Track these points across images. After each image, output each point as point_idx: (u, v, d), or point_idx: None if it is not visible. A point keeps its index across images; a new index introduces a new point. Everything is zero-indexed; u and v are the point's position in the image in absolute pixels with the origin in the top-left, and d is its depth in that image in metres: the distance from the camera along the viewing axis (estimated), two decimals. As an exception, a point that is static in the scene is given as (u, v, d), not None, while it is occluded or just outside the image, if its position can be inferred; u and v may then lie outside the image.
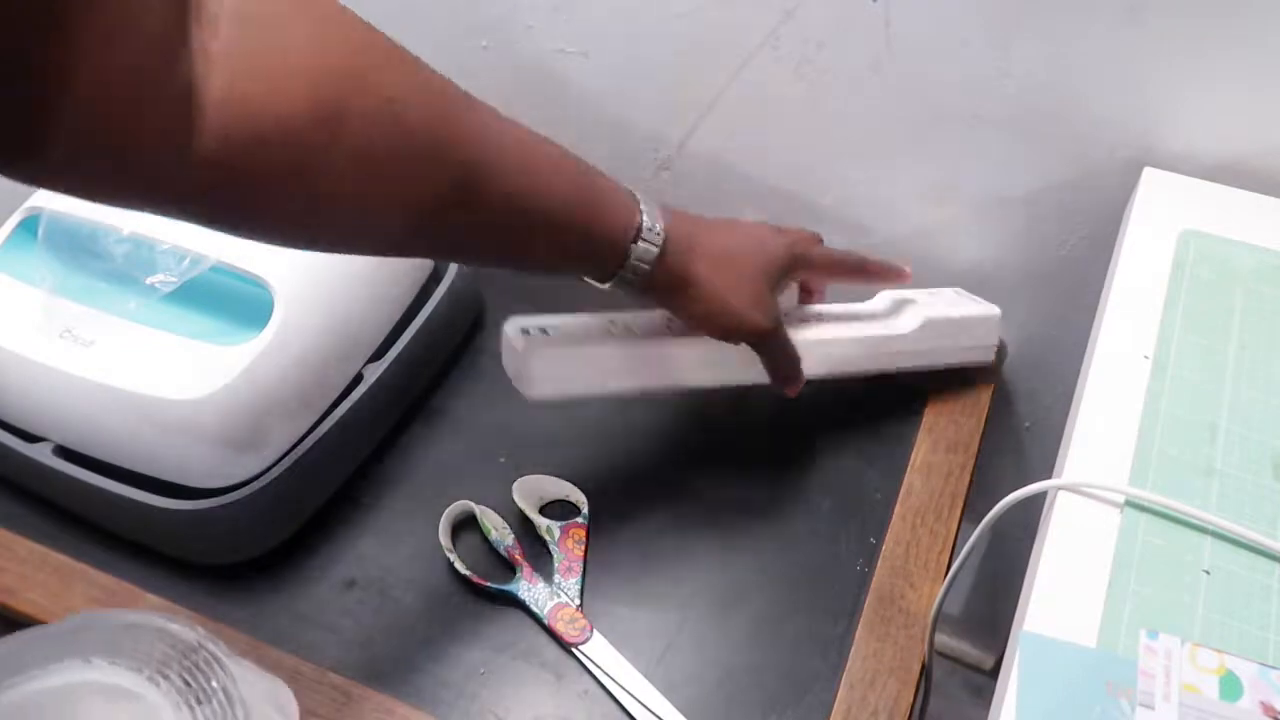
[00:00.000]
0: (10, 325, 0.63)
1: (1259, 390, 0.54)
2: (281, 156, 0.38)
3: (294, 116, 0.37)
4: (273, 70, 0.37)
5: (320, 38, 0.39)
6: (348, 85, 0.39)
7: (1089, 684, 0.43)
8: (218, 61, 0.36)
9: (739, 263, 0.57)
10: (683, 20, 0.75)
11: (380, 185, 0.42)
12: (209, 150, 0.36)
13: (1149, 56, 0.65)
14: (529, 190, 0.49)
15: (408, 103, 0.42)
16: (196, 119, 0.35)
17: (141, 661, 0.39)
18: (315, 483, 0.65)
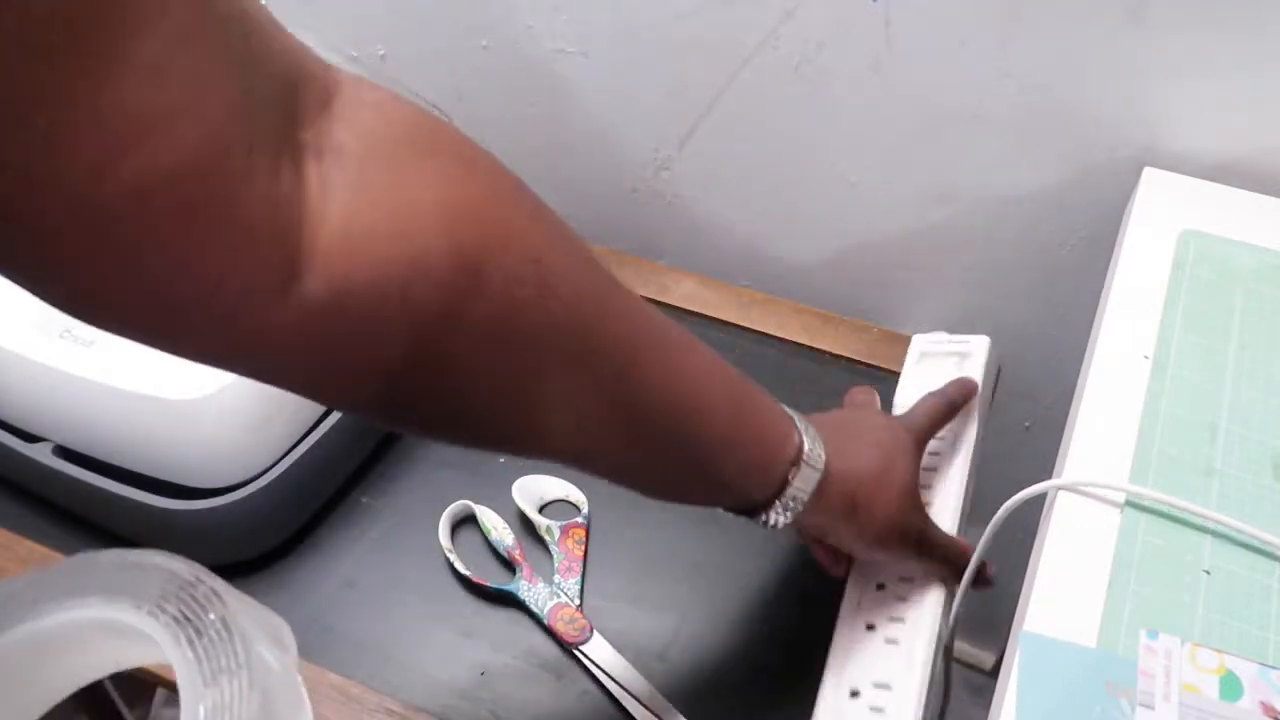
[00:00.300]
0: (10, 325, 0.63)
1: (1259, 390, 0.54)
2: (409, 308, 0.30)
3: (431, 258, 0.30)
4: (405, 206, 0.30)
5: (462, 177, 0.32)
6: (491, 234, 0.32)
7: (1089, 684, 0.43)
8: (338, 192, 0.29)
9: (893, 475, 0.52)
10: (683, 20, 0.75)
11: (524, 365, 0.34)
12: (317, 294, 0.29)
13: (1149, 56, 0.65)
14: (683, 392, 0.41)
15: (556, 269, 0.34)
16: (304, 256, 0.29)
17: (140, 598, 0.39)
18: (315, 483, 0.65)
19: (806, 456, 0.46)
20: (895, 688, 0.52)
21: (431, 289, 0.31)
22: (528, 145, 0.90)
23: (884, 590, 0.57)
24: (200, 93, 0.25)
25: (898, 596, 0.56)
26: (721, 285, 0.80)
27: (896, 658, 0.53)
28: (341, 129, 0.30)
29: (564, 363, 0.36)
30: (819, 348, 0.75)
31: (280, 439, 0.62)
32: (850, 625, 0.55)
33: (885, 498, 0.51)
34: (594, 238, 0.94)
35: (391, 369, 0.32)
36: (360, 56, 0.89)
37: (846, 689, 0.53)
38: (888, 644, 0.54)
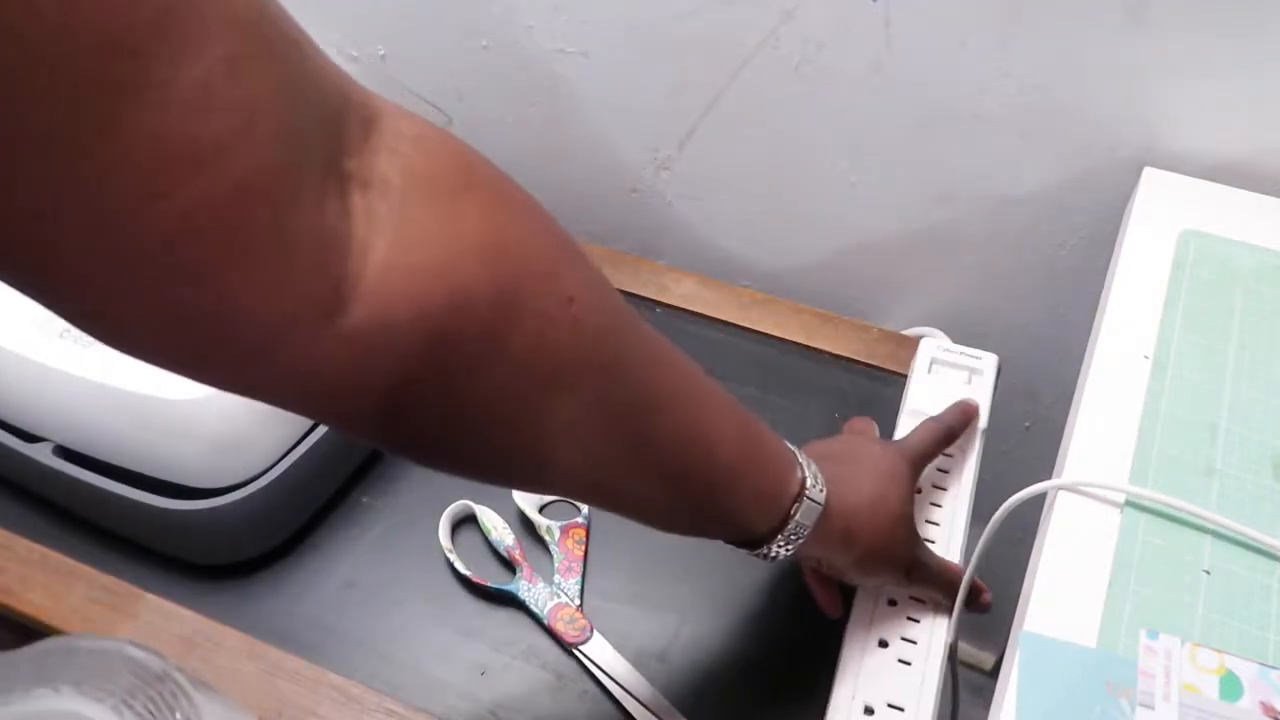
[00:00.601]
0: (10, 325, 0.63)
1: (1259, 390, 0.54)
2: (446, 343, 0.30)
3: (471, 294, 0.30)
4: (448, 242, 0.30)
5: (501, 215, 0.33)
6: (525, 272, 0.32)
7: (1089, 684, 0.43)
8: (382, 224, 0.29)
9: (888, 504, 0.52)
10: (683, 20, 0.75)
11: (548, 401, 0.34)
12: (358, 327, 0.29)
13: (1149, 56, 0.65)
14: (695, 427, 0.42)
15: (587, 305, 0.35)
16: (348, 288, 0.28)
17: (108, 690, 0.39)
18: (315, 483, 0.65)
19: (808, 491, 0.47)
20: (909, 710, 0.53)
21: (469, 325, 0.31)
22: (528, 145, 0.90)
23: (896, 606, 0.57)
24: (249, 121, 0.25)
25: (909, 616, 0.56)
26: (721, 285, 0.80)
27: (910, 679, 0.54)
28: (385, 161, 0.30)
29: (585, 398, 0.36)
30: (819, 348, 0.75)
31: (280, 439, 0.62)
32: (862, 640, 0.56)
33: (879, 526, 0.52)
34: (594, 238, 0.94)
35: (419, 402, 0.32)
36: (360, 56, 0.89)
37: (860, 704, 0.53)
38: (901, 664, 0.54)
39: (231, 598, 0.61)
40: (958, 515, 0.61)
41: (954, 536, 0.60)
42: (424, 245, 0.30)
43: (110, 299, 0.26)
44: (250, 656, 0.58)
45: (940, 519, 0.61)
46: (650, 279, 0.80)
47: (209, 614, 0.60)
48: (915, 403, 0.66)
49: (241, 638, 0.59)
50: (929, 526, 0.60)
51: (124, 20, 0.22)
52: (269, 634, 0.60)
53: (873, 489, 0.52)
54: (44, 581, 0.62)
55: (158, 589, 0.62)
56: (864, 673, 0.54)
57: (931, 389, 0.66)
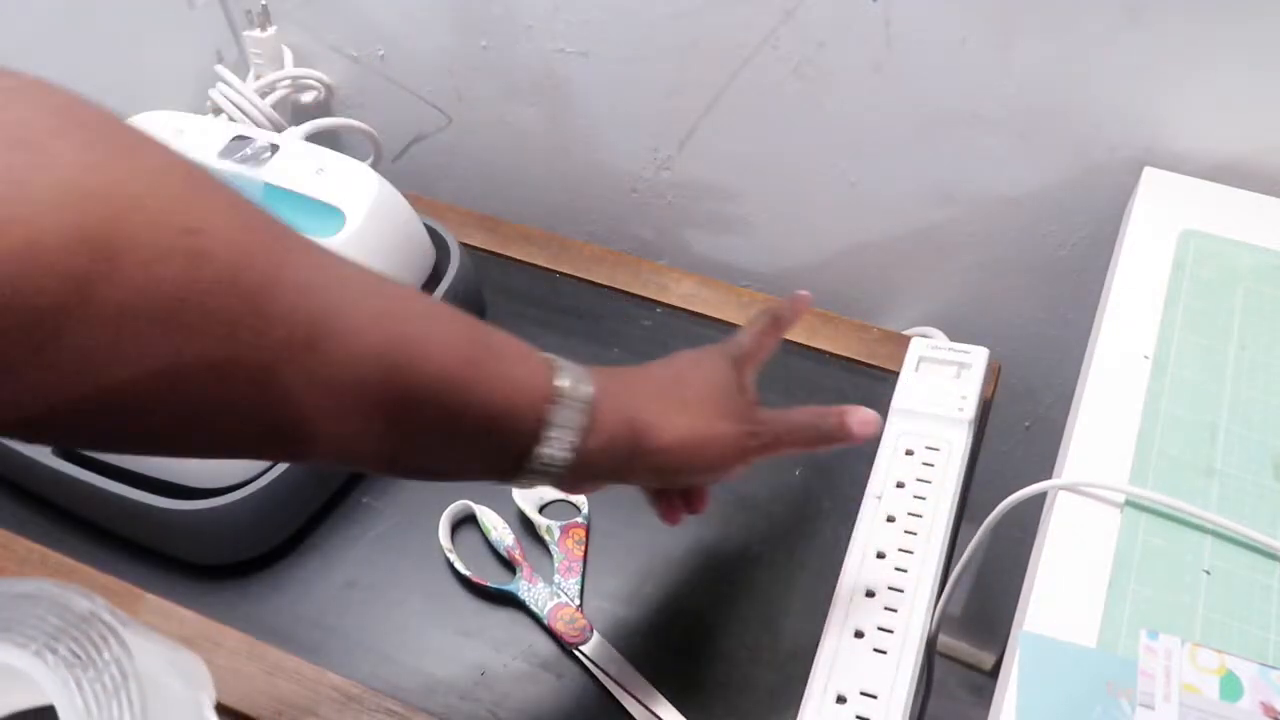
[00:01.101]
0: (10, 325, 0.63)
1: (1259, 390, 0.54)
2: (22, 302, 0.28)
3: (43, 243, 0.28)
4: (19, 191, 0.28)
5: (94, 155, 0.31)
6: (123, 211, 0.30)
7: (1089, 684, 0.43)
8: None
9: (682, 391, 0.48)
10: (683, 20, 0.75)
11: (176, 342, 0.32)
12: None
13: (1149, 56, 0.65)
14: (397, 344, 0.38)
15: (218, 234, 0.32)
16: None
17: (30, 635, 0.37)
18: (315, 482, 0.65)
19: (564, 389, 0.42)
20: (881, 697, 0.52)
21: (47, 279, 0.28)
22: (528, 145, 0.90)
23: (873, 598, 0.57)
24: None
25: (886, 606, 0.56)
26: (721, 285, 0.80)
27: (884, 667, 0.54)
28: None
29: (235, 328, 0.33)
30: (819, 348, 0.75)
31: (280, 439, 0.62)
32: (838, 631, 0.56)
33: (684, 409, 0.46)
34: (594, 238, 0.94)
35: (27, 376, 0.30)
36: (360, 56, 0.89)
37: (833, 694, 0.53)
38: (876, 653, 0.54)
39: (231, 598, 0.61)
40: (940, 506, 0.60)
41: (935, 530, 0.59)
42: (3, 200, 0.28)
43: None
44: (250, 656, 0.58)
45: (923, 511, 0.60)
46: (650, 279, 0.80)
47: (209, 614, 0.60)
48: (903, 401, 0.66)
49: (241, 638, 0.59)
50: (911, 519, 0.60)
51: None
52: (269, 634, 0.60)
53: (660, 378, 0.48)
54: (44, 581, 0.62)
55: (158, 589, 0.61)
56: (838, 662, 0.54)
57: (920, 386, 0.66)
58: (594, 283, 0.80)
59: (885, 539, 0.59)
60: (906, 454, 0.63)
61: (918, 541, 0.59)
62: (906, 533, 0.59)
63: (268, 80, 0.89)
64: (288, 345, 0.34)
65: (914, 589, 0.57)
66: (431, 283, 0.72)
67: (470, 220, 0.85)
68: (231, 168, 0.69)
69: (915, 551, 0.58)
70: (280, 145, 0.70)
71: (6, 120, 0.29)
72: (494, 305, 0.78)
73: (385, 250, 0.69)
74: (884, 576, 0.57)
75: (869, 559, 0.58)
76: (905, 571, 0.57)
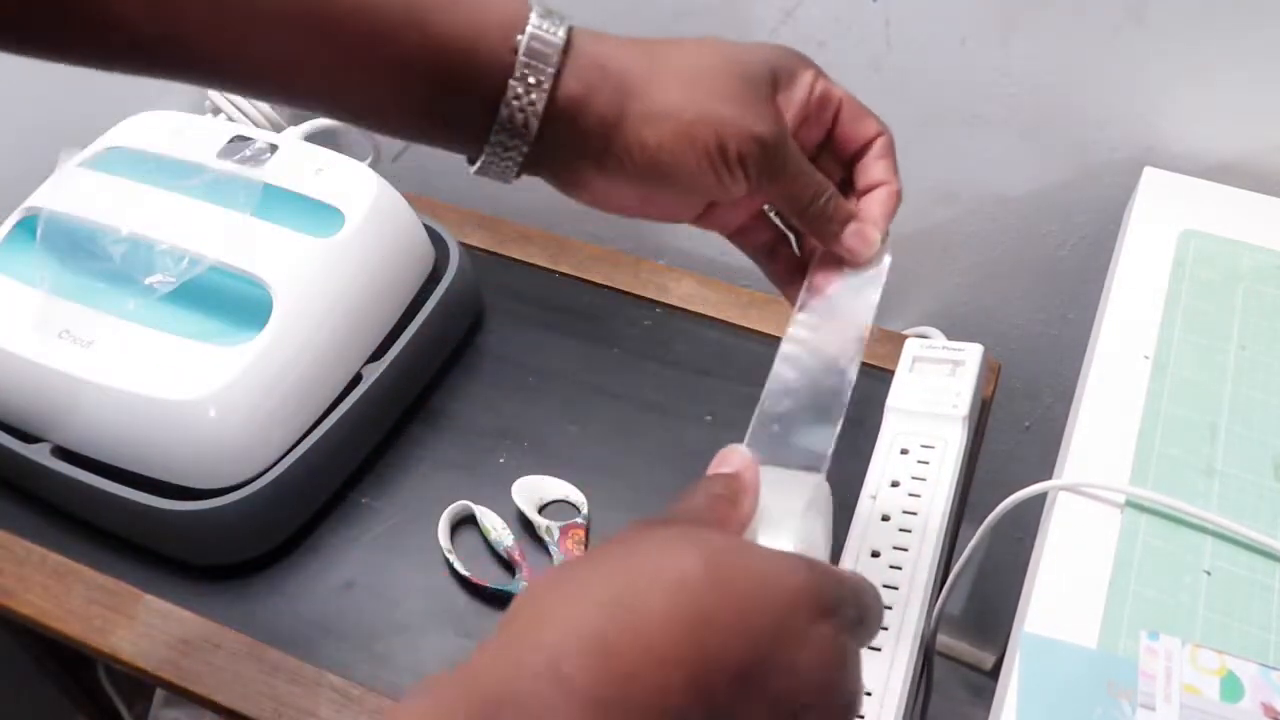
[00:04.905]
0: (8, 326, 0.63)
1: (1259, 390, 0.54)
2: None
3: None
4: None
5: None
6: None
7: (1089, 685, 0.43)
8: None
9: (693, 63, 0.39)
10: (682, 20, 0.75)
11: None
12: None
13: (1149, 56, 0.65)
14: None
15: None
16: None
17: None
18: (315, 483, 0.65)
19: (535, 22, 0.36)
20: (876, 694, 0.52)
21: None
22: (527, 145, 0.90)
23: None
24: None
25: (884, 603, 0.56)
26: (721, 285, 0.80)
27: (879, 664, 0.54)
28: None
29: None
30: (819, 348, 0.75)
31: (280, 439, 0.62)
32: None
33: (685, 78, 0.38)
34: (594, 238, 0.94)
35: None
36: (359, 56, 0.89)
37: None
38: (871, 650, 0.54)
39: (231, 598, 0.61)
40: (935, 504, 0.60)
41: (930, 528, 0.59)
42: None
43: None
44: (250, 657, 0.58)
45: (919, 509, 0.60)
46: (650, 279, 0.80)
47: (208, 615, 0.60)
48: (898, 400, 0.66)
49: (241, 638, 0.59)
50: (906, 517, 0.60)
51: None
52: (268, 634, 0.59)
53: (677, 47, 0.40)
54: (42, 582, 0.62)
55: (157, 589, 0.61)
56: None
57: (914, 385, 0.66)
58: (593, 282, 0.80)
59: (880, 538, 0.59)
60: (901, 453, 0.63)
61: (913, 539, 0.59)
62: (901, 530, 0.59)
63: (267, 80, 0.88)
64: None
65: (909, 587, 0.57)
66: (431, 282, 0.72)
67: (469, 220, 0.85)
68: (231, 168, 0.69)
69: (910, 549, 0.58)
70: (279, 145, 0.70)
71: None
72: (493, 305, 0.78)
73: (384, 250, 0.69)
74: (879, 575, 0.57)
75: (864, 558, 0.58)
76: (900, 569, 0.57)
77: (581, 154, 0.39)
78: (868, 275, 0.44)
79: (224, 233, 0.64)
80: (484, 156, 0.38)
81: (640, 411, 0.71)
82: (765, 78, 0.40)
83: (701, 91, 0.38)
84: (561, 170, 0.40)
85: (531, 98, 0.36)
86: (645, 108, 0.38)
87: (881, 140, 0.44)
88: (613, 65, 0.38)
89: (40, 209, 0.66)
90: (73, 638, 0.60)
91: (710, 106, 0.38)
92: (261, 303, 0.62)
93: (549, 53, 0.36)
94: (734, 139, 0.38)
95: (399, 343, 0.68)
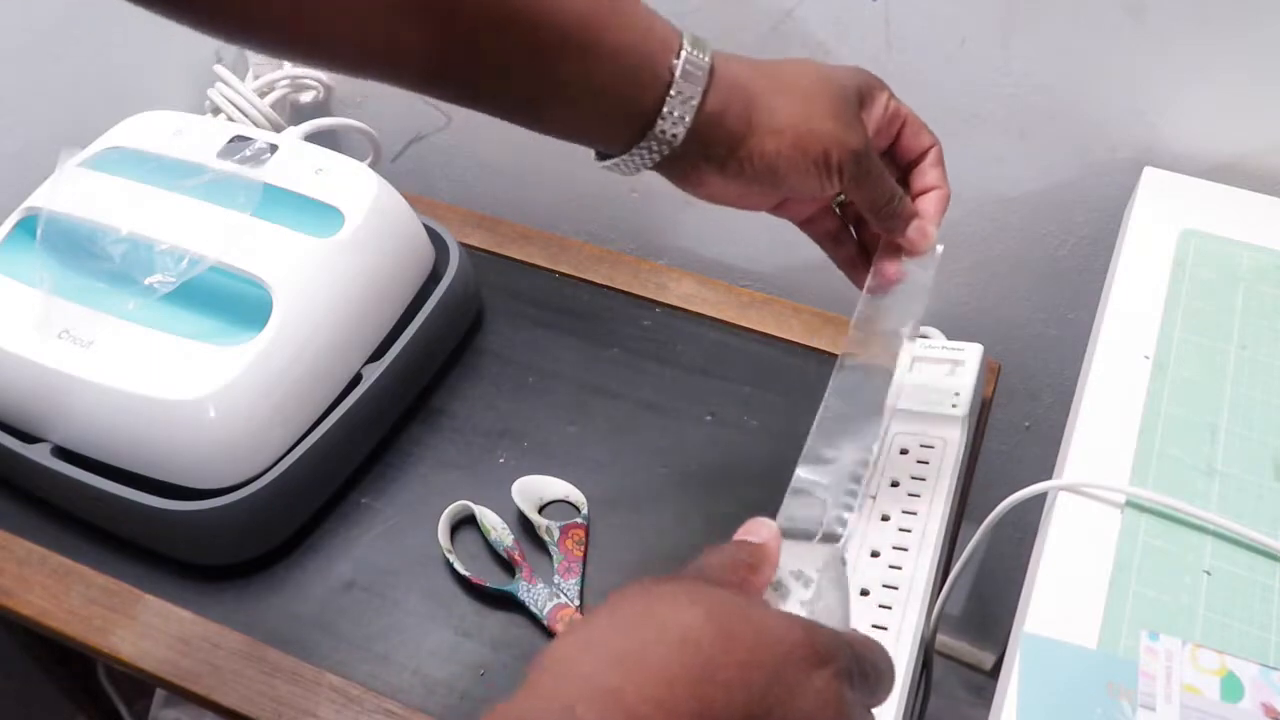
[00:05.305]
0: (8, 326, 0.63)
1: (1259, 390, 0.54)
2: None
3: None
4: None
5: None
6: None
7: (1090, 685, 0.43)
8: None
9: (804, 83, 0.46)
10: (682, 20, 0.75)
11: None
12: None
13: (1149, 56, 0.65)
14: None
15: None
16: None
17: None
18: (315, 483, 0.65)
19: (688, 48, 0.43)
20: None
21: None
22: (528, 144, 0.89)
23: (868, 596, 0.57)
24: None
25: (880, 604, 0.56)
26: (721, 285, 0.80)
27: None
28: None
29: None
30: (819, 348, 0.75)
31: (280, 439, 0.62)
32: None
33: (798, 96, 0.45)
34: (594, 238, 0.94)
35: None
36: (359, 56, 0.89)
37: None
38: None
39: (231, 598, 0.61)
40: (935, 503, 0.60)
41: (930, 528, 0.59)
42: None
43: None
44: (249, 657, 0.58)
45: (918, 509, 0.60)
46: (650, 279, 0.80)
47: (208, 614, 0.60)
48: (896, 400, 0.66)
49: (241, 638, 0.59)
50: (906, 517, 0.60)
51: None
52: (268, 634, 0.59)
53: (788, 66, 0.47)
54: (42, 582, 0.62)
55: (157, 589, 0.61)
56: None
57: (914, 385, 0.66)
58: (593, 282, 0.80)
59: (880, 538, 0.59)
60: (901, 453, 0.63)
61: (912, 539, 0.59)
62: (901, 530, 0.59)
63: (266, 80, 0.88)
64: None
65: (909, 587, 0.57)
66: (431, 282, 0.72)
67: (469, 220, 0.85)
68: (231, 168, 0.69)
69: (910, 549, 0.58)
70: (279, 145, 0.70)
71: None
72: (493, 305, 0.78)
73: (384, 250, 0.69)
74: (878, 574, 0.57)
75: (864, 558, 0.58)
76: (900, 569, 0.57)
77: (707, 158, 0.45)
78: (923, 261, 0.52)
79: (224, 233, 0.64)
80: (623, 157, 0.45)
81: (640, 411, 0.71)
82: (855, 97, 0.47)
83: (811, 109, 0.45)
84: (687, 170, 0.46)
85: (681, 114, 0.43)
86: (767, 122, 0.45)
87: (935, 150, 0.53)
88: (741, 85, 0.45)
89: (40, 209, 0.66)
90: (73, 638, 0.60)
91: (818, 122, 0.45)
92: (261, 303, 0.62)
93: (699, 75, 0.43)
94: (836, 150, 0.46)
95: (399, 343, 0.68)
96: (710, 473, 0.68)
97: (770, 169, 0.46)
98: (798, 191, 0.48)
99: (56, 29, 0.78)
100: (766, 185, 0.47)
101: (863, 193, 0.49)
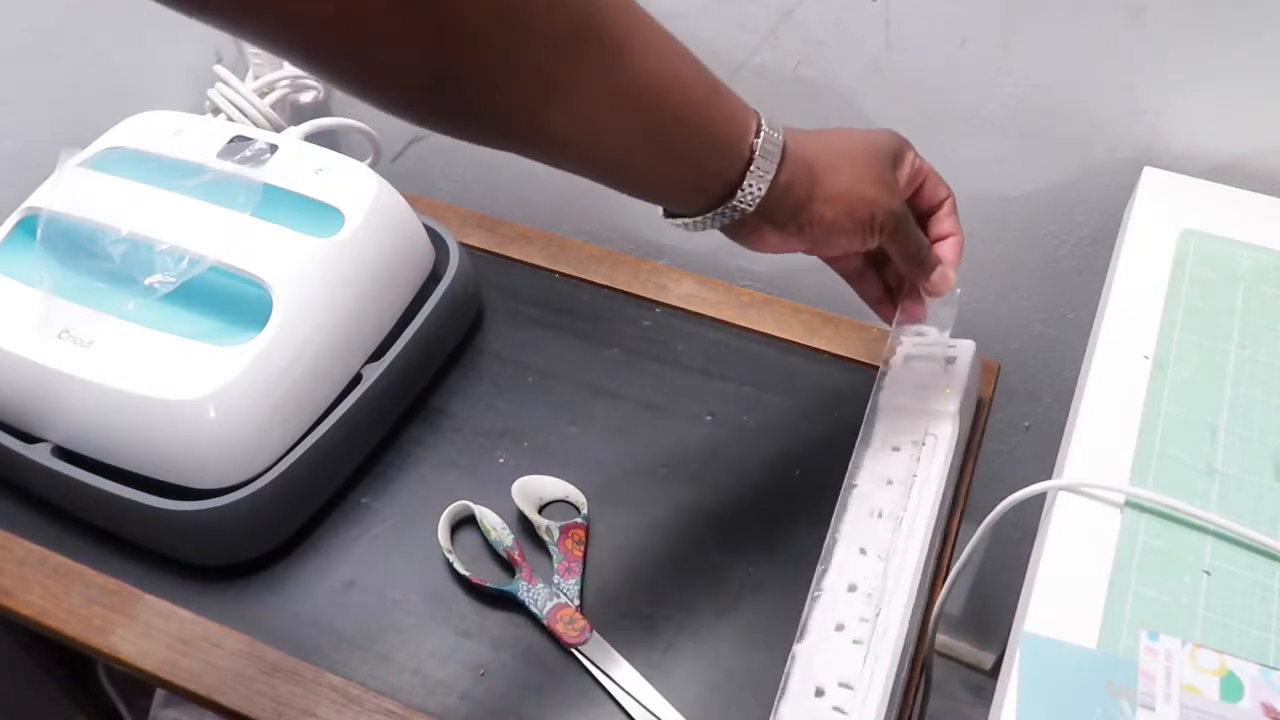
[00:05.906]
0: (9, 326, 0.63)
1: (1259, 390, 0.54)
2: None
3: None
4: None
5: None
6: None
7: (1089, 685, 0.43)
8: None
9: (853, 152, 0.53)
10: (682, 20, 0.75)
11: (525, 58, 0.39)
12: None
13: (1149, 56, 0.65)
14: (669, 72, 0.45)
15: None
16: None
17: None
18: (315, 483, 0.65)
19: (765, 128, 0.49)
20: (858, 688, 0.52)
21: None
22: (527, 145, 0.90)
23: (855, 592, 0.57)
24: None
25: (868, 597, 0.56)
26: (721, 285, 0.80)
27: (862, 658, 0.54)
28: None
29: (567, 49, 0.40)
30: (819, 348, 0.75)
31: (280, 439, 0.62)
32: (820, 625, 0.56)
33: (849, 166, 0.52)
34: (594, 238, 0.94)
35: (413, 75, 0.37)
36: (359, 56, 0.89)
37: (812, 687, 0.53)
38: (854, 644, 0.54)
39: (231, 598, 0.61)
40: (924, 499, 0.60)
41: (918, 523, 0.59)
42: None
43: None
44: (249, 657, 0.58)
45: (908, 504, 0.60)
46: (650, 279, 0.80)
47: (208, 614, 0.60)
48: (889, 396, 0.66)
49: (241, 638, 0.59)
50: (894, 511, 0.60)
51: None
52: (268, 634, 0.59)
53: (839, 136, 0.53)
54: (42, 582, 0.62)
55: (156, 589, 0.61)
56: (817, 655, 0.54)
57: (906, 382, 0.66)
58: (593, 282, 0.80)
59: (869, 534, 0.59)
60: (893, 450, 0.63)
61: (900, 534, 0.59)
62: (889, 523, 0.59)
63: (266, 80, 0.88)
64: (610, 56, 0.42)
65: (895, 581, 0.57)
66: (431, 282, 0.72)
67: (469, 220, 0.85)
68: (231, 168, 0.69)
69: (898, 544, 0.58)
70: (279, 145, 0.70)
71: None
72: (493, 305, 0.78)
73: (384, 250, 0.69)
74: (867, 570, 0.57)
75: (852, 554, 0.58)
76: (886, 561, 0.57)
77: (770, 221, 0.50)
78: (944, 300, 0.60)
79: (224, 233, 0.64)
80: (696, 219, 0.51)
81: (640, 411, 0.71)
82: (891, 160, 0.54)
83: (860, 175, 0.52)
84: (749, 231, 0.51)
85: (759, 187, 0.49)
86: (826, 191, 0.51)
87: (949, 200, 0.59)
88: (807, 160, 0.50)
89: (40, 209, 0.66)
90: (73, 638, 0.60)
91: (866, 188, 0.52)
92: (261, 303, 0.62)
93: (775, 152, 0.49)
94: (880, 213, 0.52)
95: (399, 343, 0.68)
96: (710, 473, 0.68)
97: (826, 231, 0.52)
98: (843, 247, 0.54)
99: (56, 29, 0.78)
100: (817, 242, 0.53)
101: (898, 246, 0.55)
